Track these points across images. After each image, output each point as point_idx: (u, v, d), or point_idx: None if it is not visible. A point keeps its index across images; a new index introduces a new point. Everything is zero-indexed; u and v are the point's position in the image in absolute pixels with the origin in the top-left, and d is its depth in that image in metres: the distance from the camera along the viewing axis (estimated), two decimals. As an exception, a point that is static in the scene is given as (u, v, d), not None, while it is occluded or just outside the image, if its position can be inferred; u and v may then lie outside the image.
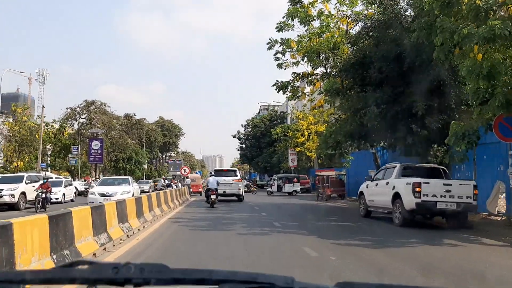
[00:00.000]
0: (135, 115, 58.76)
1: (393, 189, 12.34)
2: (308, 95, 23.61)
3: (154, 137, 71.83)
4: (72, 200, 24.77)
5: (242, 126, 67.36)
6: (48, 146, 50.45)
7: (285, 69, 21.46)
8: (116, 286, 1.10)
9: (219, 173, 26.67)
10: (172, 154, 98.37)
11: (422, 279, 5.93)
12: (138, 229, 10.72)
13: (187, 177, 31.72)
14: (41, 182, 18.72)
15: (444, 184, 11.54)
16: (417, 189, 11.30)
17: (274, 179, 40.74)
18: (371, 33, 16.89)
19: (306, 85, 22.56)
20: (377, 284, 1.29)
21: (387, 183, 13.03)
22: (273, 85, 21.43)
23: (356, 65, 16.66)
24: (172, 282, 1.11)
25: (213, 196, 19.74)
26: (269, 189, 37.63)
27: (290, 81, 21.17)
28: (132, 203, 11.10)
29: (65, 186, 25.13)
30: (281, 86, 21.22)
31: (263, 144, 63.40)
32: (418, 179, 11.70)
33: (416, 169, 13.40)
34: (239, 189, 25.34)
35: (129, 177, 23.27)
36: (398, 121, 16.00)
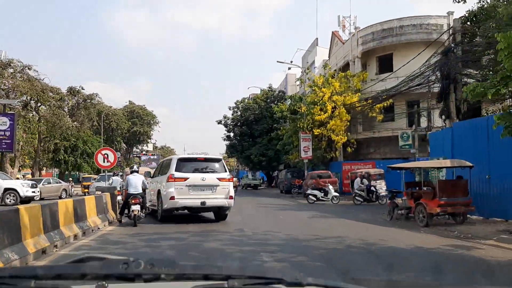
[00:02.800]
0: (83, 89, 42.72)
1: None
2: None
3: (116, 123, 55.94)
4: None
5: (229, 109, 51.86)
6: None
7: None
8: (126, 282, 1.08)
9: (189, 164, 12.37)
10: (147, 148, 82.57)
11: None
12: None
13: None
14: None
15: None
16: None
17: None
18: None
19: None
20: (385, 279, 1.08)
21: None
22: None
23: None
24: (181, 278, 1.09)
25: (135, 208, 10.93)
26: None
27: None
28: None
29: None
30: None
31: (257, 131, 48.14)
32: None
33: None
34: (230, 197, 12.30)
35: None
36: None
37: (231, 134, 52.07)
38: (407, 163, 16.14)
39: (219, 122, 51.92)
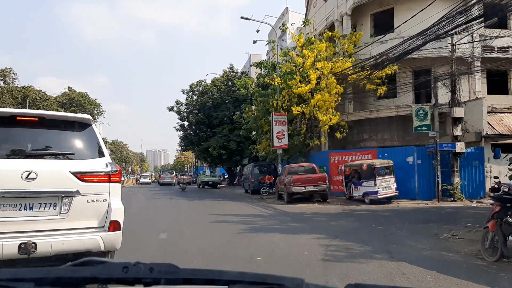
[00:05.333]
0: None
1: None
2: None
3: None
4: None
5: (183, 92, 43.42)
6: None
7: None
8: (126, 286, 1.08)
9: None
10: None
11: None
12: None
13: None
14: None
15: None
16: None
17: None
18: None
19: None
20: (387, 286, 1.15)
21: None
22: None
23: None
24: (182, 282, 1.08)
25: None
26: None
27: None
28: None
29: None
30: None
31: (216, 120, 40.10)
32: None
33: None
34: (111, 227, 3.97)
35: None
36: None
37: (185, 123, 43.78)
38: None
39: (171, 109, 43.38)
